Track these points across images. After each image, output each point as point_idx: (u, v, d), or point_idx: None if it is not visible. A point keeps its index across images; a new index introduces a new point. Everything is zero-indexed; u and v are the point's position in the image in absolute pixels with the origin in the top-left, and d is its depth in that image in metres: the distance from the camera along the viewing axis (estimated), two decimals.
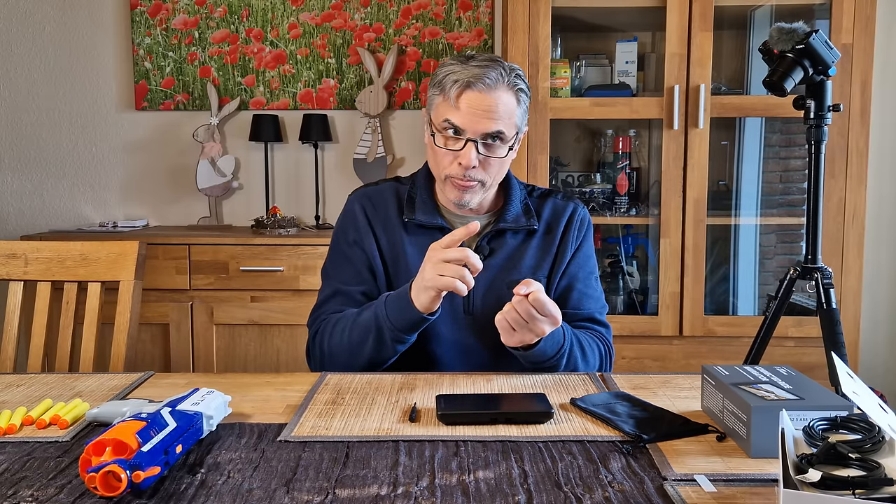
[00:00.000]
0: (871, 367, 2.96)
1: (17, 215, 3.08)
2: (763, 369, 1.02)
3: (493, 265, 1.38)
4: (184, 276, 2.59)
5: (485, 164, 1.32)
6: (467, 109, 1.28)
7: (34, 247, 1.59)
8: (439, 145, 1.32)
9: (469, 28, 2.98)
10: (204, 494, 0.78)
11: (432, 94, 1.35)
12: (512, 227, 1.39)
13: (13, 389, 1.16)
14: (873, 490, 0.70)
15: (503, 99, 1.30)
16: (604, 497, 0.77)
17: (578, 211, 1.46)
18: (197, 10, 2.99)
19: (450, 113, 1.30)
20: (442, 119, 1.31)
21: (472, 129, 1.29)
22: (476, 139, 1.29)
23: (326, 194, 3.05)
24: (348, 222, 1.44)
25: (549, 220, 1.43)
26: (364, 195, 1.46)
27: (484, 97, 1.28)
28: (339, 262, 1.44)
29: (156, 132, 3.06)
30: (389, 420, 1.00)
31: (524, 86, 1.34)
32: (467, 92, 1.28)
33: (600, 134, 2.82)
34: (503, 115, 1.30)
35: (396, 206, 1.43)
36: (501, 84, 1.29)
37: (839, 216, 2.46)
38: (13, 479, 0.83)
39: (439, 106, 1.33)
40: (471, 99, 1.28)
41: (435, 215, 1.40)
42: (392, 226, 1.41)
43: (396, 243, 1.40)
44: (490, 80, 1.28)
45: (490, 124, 1.29)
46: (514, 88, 1.31)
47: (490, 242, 1.39)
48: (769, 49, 1.84)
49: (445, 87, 1.30)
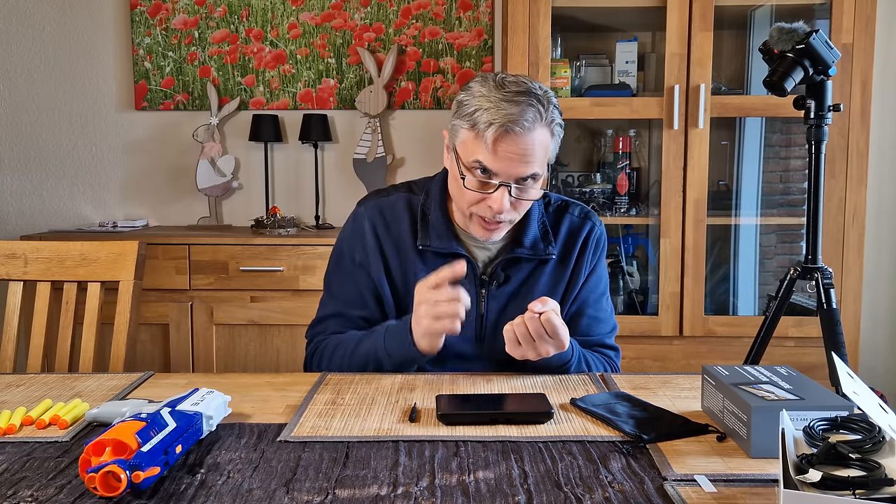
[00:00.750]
0: (871, 367, 2.95)
1: (17, 215, 3.08)
2: (763, 369, 1.02)
3: (507, 292, 1.33)
4: (184, 276, 2.59)
5: (516, 204, 1.25)
6: (503, 155, 1.19)
7: (34, 247, 1.59)
8: (468, 187, 1.23)
9: (469, 28, 2.98)
10: (204, 495, 0.78)
11: (460, 125, 1.24)
12: (529, 255, 1.33)
13: (13, 389, 1.16)
14: (873, 490, 0.70)
15: (539, 139, 1.21)
16: (604, 497, 0.77)
17: (595, 231, 1.40)
18: (197, 9, 2.99)
19: (482, 155, 1.20)
20: (472, 159, 1.22)
21: (506, 173, 1.21)
22: (510, 183, 1.22)
23: (326, 194, 3.05)
24: (356, 240, 1.37)
25: (564, 243, 1.38)
26: (376, 209, 1.37)
27: (521, 141, 1.19)
28: (343, 280, 1.39)
29: (156, 132, 3.06)
30: (389, 420, 1.00)
31: (560, 119, 1.25)
32: (504, 137, 1.18)
33: (600, 134, 2.82)
34: (540, 157, 1.22)
35: (410, 226, 1.35)
36: (539, 123, 1.20)
37: (839, 216, 2.46)
38: (13, 479, 0.83)
39: (469, 143, 1.22)
40: (507, 144, 1.19)
41: (451, 240, 1.32)
42: (405, 249, 1.34)
43: (409, 269, 1.34)
44: (527, 122, 1.18)
45: (526, 168, 1.21)
46: (550, 125, 1.22)
47: (505, 269, 1.34)
48: (769, 49, 1.84)
49: (478, 125, 1.20)
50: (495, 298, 1.34)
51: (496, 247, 1.35)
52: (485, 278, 1.34)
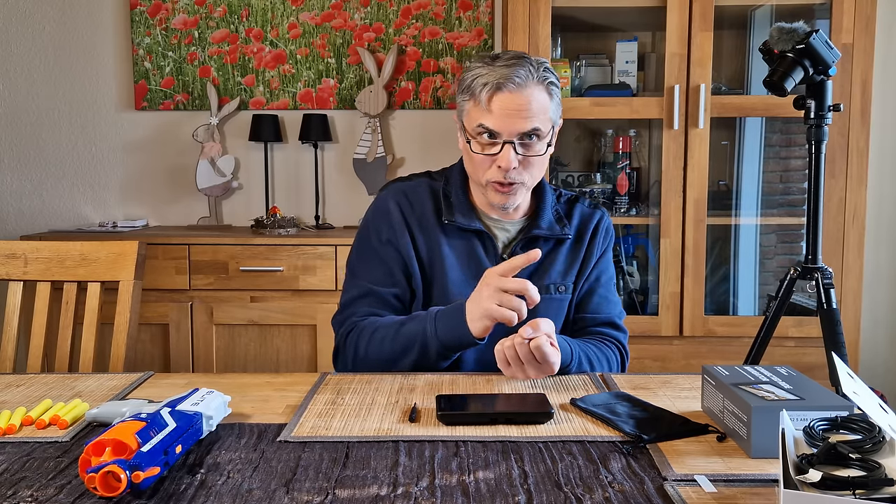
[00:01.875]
0: (872, 367, 2.95)
1: (17, 215, 3.08)
2: (763, 369, 1.02)
3: (526, 271, 1.35)
4: (183, 276, 2.59)
5: (524, 163, 1.30)
6: (500, 111, 1.26)
7: (34, 247, 1.59)
8: (476, 151, 1.30)
9: (469, 28, 2.98)
10: (204, 495, 0.78)
11: (462, 99, 1.33)
12: (546, 234, 1.38)
13: (13, 389, 1.16)
14: (873, 490, 0.70)
15: (535, 95, 1.27)
16: (604, 497, 0.77)
17: (605, 220, 1.47)
18: (197, 9, 2.99)
19: (483, 117, 1.28)
20: (475, 125, 1.29)
21: (507, 130, 1.27)
22: (513, 140, 1.27)
23: (326, 194, 3.05)
24: (381, 219, 1.40)
25: (578, 228, 1.43)
26: (399, 191, 1.42)
27: (516, 97, 1.26)
28: (371, 260, 1.40)
29: (155, 132, 3.06)
30: (389, 420, 1.00)
31: (554, 78, 1.31)
32: (498, 94, 1.26)
33: (600, 134, 2.82)
34: (537, 112, 1.28)
35: (433, 205, 1.40)
36: (532, 81, 1.27)
37: (839, 216, 2.46)
38: (13, 479, 0.83)
39: (471, 111, 1.30)
40: (502, 100, 1.26)
41: (473, 218, 1.38)
42: (429, 226, 1.38)
43: (434, 245, 1.38)
44: (520, 78, 1.26)
45: (525, 123, 1.27)
46: (544, 83, 1.29)
47: (523, 249, 1.38)
48: (769, 49, 1.83)
49: (475, 91, 1.28)
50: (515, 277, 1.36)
51: (515, 227, 1.40)
52: (504, 257, 1.38)
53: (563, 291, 1.40)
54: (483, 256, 1.37)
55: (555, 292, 1.39)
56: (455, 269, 1.37)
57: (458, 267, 1.37)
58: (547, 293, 1.38)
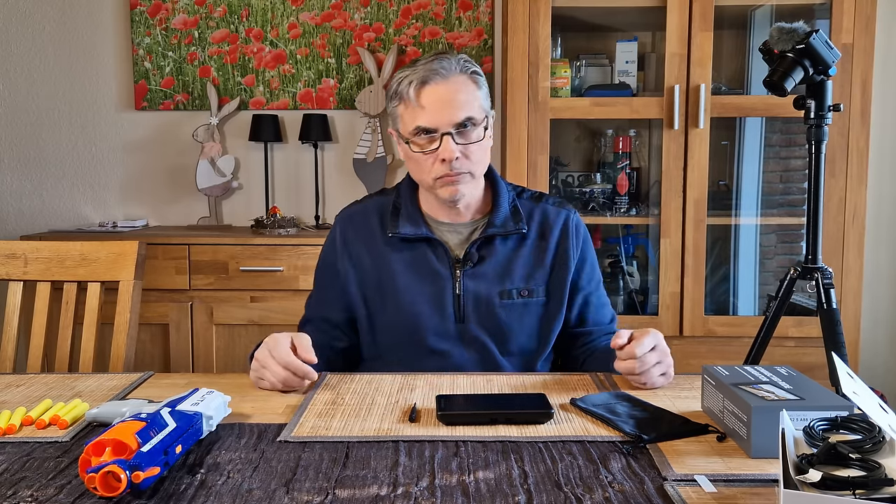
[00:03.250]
0: (872, 367, 2.95)
1: (17, 215, 3.08)
2: (763, 369, 1.02)
3: (483, 272, 1.36)
4: (183, 276, 2.59)
5: (465, 153, 1.30)
6: (431, 105, 1.28)
7: (34, 247, 1.59)
8: (417, 151, 1.32)
9: (469, 28, 2.98)
10: (204, 495, 0.78)
11: (392, 107, 1.35)
12: (500, 231, 1.37)
13: (13, 389, 1.16)
14: (873, 490, 0.70)
15: (462, 85, 1.30)
16: (604, 497, 0.77)
17: (572, 218, 1.43)
18: (197, 9, 2.99)
19: (416, 117, 1.29)
20: (411, 128, 1.30)
21: (442, 122, 1.28)
22: (450, 131, 1.28)
23: (326, 194, 3.05)
24: (327, 247, 1.46)
25: (541, 226, 1.41)
26: (345, 217, 1.46)
27: (442, 87, 1.28)
28: (316, 288, 1.48)
29: (155, 132, 3.06)
30: (389, 420, 1.00)
31: (477, 69, 1.34)
32: (425, 88, 1.28)
33: (600, 134, 2.81)
34: (467, 101, 1.29)
35: (379, 221, 1.41)
36: (455, 71, 1.30)
37: (839, 216, 2.46)
38: (13, 479, 0.83)
39: (403, 115, 1.32)
40: (431, 93, 1.28)
41: (420, 225, 1.38)
42: (375, 243, 1.40)
43: (382, 260, 1.39)
44: (444, 69, 1.29)
45: (457, 112, 1.28)
46: (468, 73, 1.31)
47: (479, 250, 1.37)
48: (769, 49, 1.83)
49: (402, 93, 1.30)
50: (472, 278, 1.36)
51: (468, 229, 1.40)
52: (459, 260, 1.37)
53: (526, 296, 1.37)
54: (435, 262, 1.37)
55: (517, 297, 1.36)
56: (405, 276, 1.37)
57: (409, 275, 1.37)
58: (509, 298, 1.36)
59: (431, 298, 1.35)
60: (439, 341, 1.35)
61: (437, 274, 1.36)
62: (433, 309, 1.35)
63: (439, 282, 1.36)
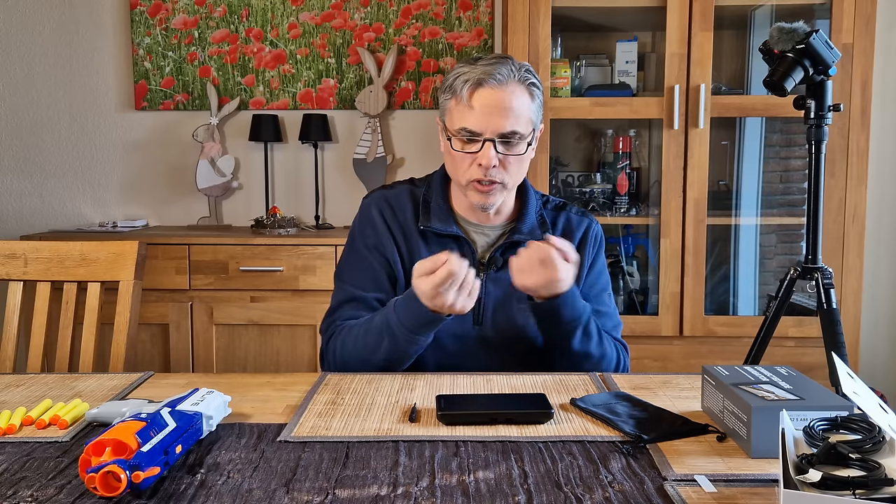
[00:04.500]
0: (872, 367, 2.95)
1: (17, 215, 3.08)
2: (763, 369, 1.02)
3: (506, 278, 1.32)
4: (183, 276, 2.59)
5: (504, 163, 1.29)
6: (481, 108, 1.27)
7: (34, 247, 1.58)
8: (457, 150, 1.30)
9: (469, 28, 2.98)
10: (204, 495, 0.78)
11: (444, 98, 1.33)
12: (527, 238, 1.35)
13: (13, 389, 1.16)
14: (873, 490, 0.70)
15: (516, 94, 1.28)
16: (604, 497, 0.77)
17: (593, 227, 1.44)
18: (197, 9, 2.99)
19: (464, 116, 1.28)
20: (457, 126, 1.29)
21: (488, 128, 1.27)
22: (493, 139, 1.27)
23: (326, 194, 3.05)
24: (367, 226, 1.42)
25: (563, 233, 1.41)
26: (382, 198, 1.43)
27: (496, 93, 1.26)
28: (356, 265, 1.41)
29: (155, 132, 3.06)
30: (389, 420, 1.00)
31: (536, 80, 1.32)
32: (479, 90, 1.27)
33: (600, 134, 2.82)
34: (518, 112, 1.28)
35: (413, 211, 1.40)
36: (513, 80, 1.28)
37: (839, 216, 2.46)
38: (13, 479, 0.83)
39: (452, 110, 1.31)
40: (483, 97, 1.27)
41: (450, 223, 1.37)
42: (409, 232, 1.39)
43: (413, 250, 1.38)
44: (501, 76, 1.26)
45: (505, 123, 1.27)
46: (525, 83, 1.29)
47: (504, 254, 1.36)
48: (769, 49, 1.83)
49: (457, 89, 1.29)
50: (494, 283, 1.36)
51: (495, 233, 1.39)
52: (483, 263, 1.37)
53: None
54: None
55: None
56: None
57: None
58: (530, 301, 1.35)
59: None
60: (455, 342, 1.35)
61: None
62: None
63: None
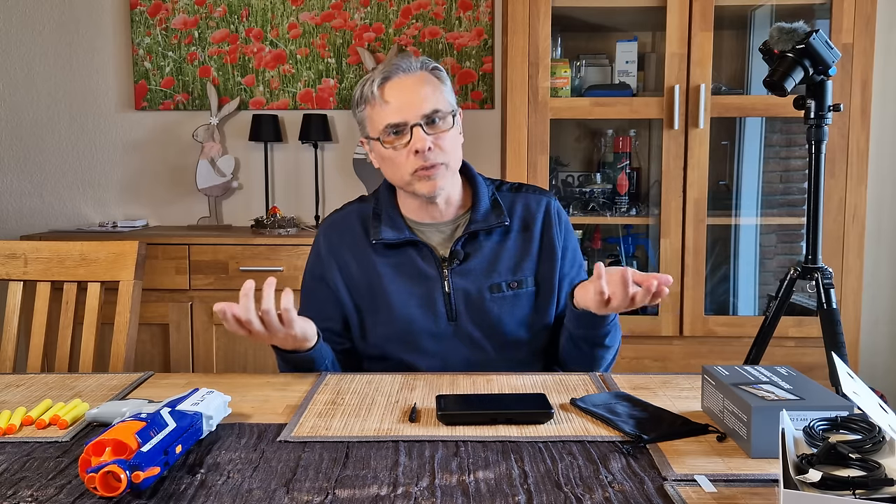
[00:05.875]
0: (871, 367, 2.95)
1: (17, 215, 3.08)
2: (763, 369, 1.02)
3: (471, 269, 1.36)
4: (183, 276, 2.59)
5: (438, 143, 1.30)
6: (396, 99, 1.29)
7: (34, 247, 1.58)
8: (388, 148, 1.32)
9: (469, 28, 2.98)
10: (204, 495, 0.78)
11: (359, 112, 1.36)
12: (483, 226, 1.36)
13: (13, 389, 1.16)
14: (873, 490, 0.70)
15: (424, 80, 1.32)
16: (604, 497, 0.77)
17: (553, 205, 1.43)
18: (197, 9, 2.99)
19: (383, 114, 1.30)
20: (381, 126, 1.31)
21: (409, 114, 1.29)
22: (419, 122, 1.29)
23: (326, 194, 3.05)
24: (313, 257, 1.45)
25: (523, 217, 1.41)
26: (329, 225, 1.45)
27: (406, 80, 1.30)
28: (306, 299, 1.45)
29: (155, 132, 3.06)
30: (389, 420, 1.00)
31: (438, 66, 1.36)
32: (388, 84, 1.30)
33: (600, 134, 2.82)
34: (432, 93, 1.31)
35: (362, 228, 1.41)
36: (415, 68, 1.32)
37: (839, 216, 2.46)
38: (13, 479, 0.83)
39: (371, 115, 1.33)
40: (395, 87, 1.30)
41: (402, 229, 1.38)
42: (361, 249, 1.39)
43: (369, 266, 1.38)
44: (404, 65, 1.31)
45: (423, 104, 1.29)
46: (429, 69, 1.34)
47: (465, 247, 1.37)
48: (769, 49, 1.83)
49: (367, 95, 1.32)
50: (460, 275, 1.36)
51: (450, 228, 1.39)
52: (444, 260, 1.37)
53: (516, 287, 1.37)
54: (421, 264, 1.36)
55: (507, 289, 1.36)
56: (393, 281, 1.36)
57: (397, 279, 1.36)
58: (499, 291, 1.36)
59: (422, 300, 1.35)
60: (433, 342, 1.36)
61: (425, 275, 1.36)
62: (425, 310, 1.35)
63: (428, 283, 1.36)
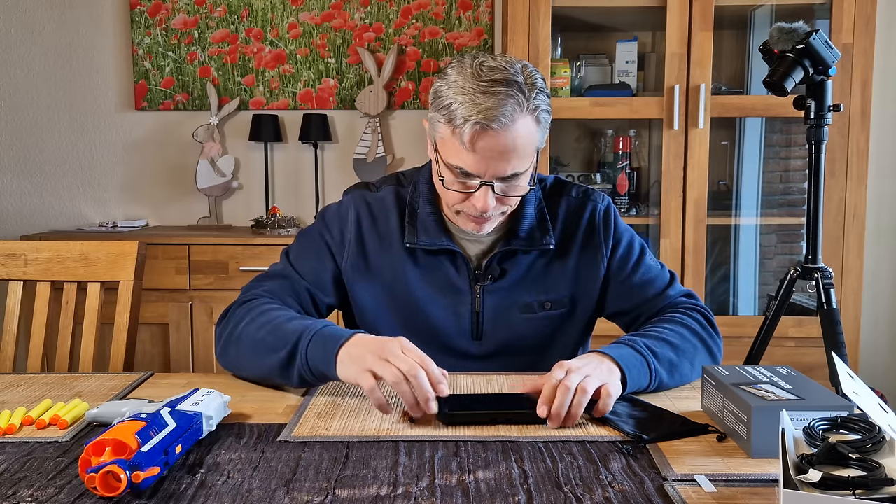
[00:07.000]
0: (871, 367, 2.95)
1: (17, 215, 3.08)
2: (763, 369, 1.02)
3: (504, 287, 1.27)
4: (183, 276, 2.59)
5: (503, 199, 1.18)
6: (482, 154, 1.11)
7: (34, 247, 1.58)
8: (449, 188, 1.17)
9: (469, 28, 2.98)
10: (204, 495, 0.78)
11: (436, 117, 1.15)
12: (525, 247, 1.26)
13: (13, 389, 1.16)
14: (873, 490, 0.70)
15: (521, 131, 1.11)
16: (604, 497, 0.77)
17: (597, 210, 1.31)
18: (197, 9, 2.99)
19: (461, 156, 1.12)
20: (452, 162, 1.14)
21: (487, 172, 1.13)
22: (492, 182, 1.14)
23: (326, 194, 3.05)
24: (336, 221, 1.30)
25: (563, 229, 1.29)
26: (363, 202, 1.30)
27: (500, 137, 1.10)
28: (308, 249, 1.30)
29: (155, 132, 3.06)
30: (389, 420, 1.00)
31: (544, 102, 1.14)
32: (482, 135, 1.10)
33: (600, 134, 2.82)
34: (522, 153, 1.13)
35: (398, 221, 1.28)
36: (519, 114, 1.10)
37: (839, 216, 2.46)
38: (13, 479, 0.82)
39: (447, 140, 1.14)
40: (485, 142, 1.10)
41: (440, 236, 1.25)
42: (394, 245, 1.28)
43: (397, 265, 1.27)
44: (505, 117, 1.08)
45: (507, 166, 1.13)
46: (534, 113, 1.12)
47: (500, 263, 1.27)
48: (769, 49, 1.83)
49: (454, 120, 1.11)
50: (491, 293, 1.27)
51: (489, 239, 1.28)
52: (478, 273, 1.27)
53: (549, 308, 1.28)
54: (454, 275, 1.27)
55: (539, 310, 1.28)
56: (420, 288, 1.27)
57: (424, 287, 1.27)
58: (531, 312, 1.28)
59: (447, 314, 1.27)
60: (453, 359, 1.27)
61: (456, 288, 1.27)
62: (449, 325, 1.27)
63: (457, 297, 1.27)
